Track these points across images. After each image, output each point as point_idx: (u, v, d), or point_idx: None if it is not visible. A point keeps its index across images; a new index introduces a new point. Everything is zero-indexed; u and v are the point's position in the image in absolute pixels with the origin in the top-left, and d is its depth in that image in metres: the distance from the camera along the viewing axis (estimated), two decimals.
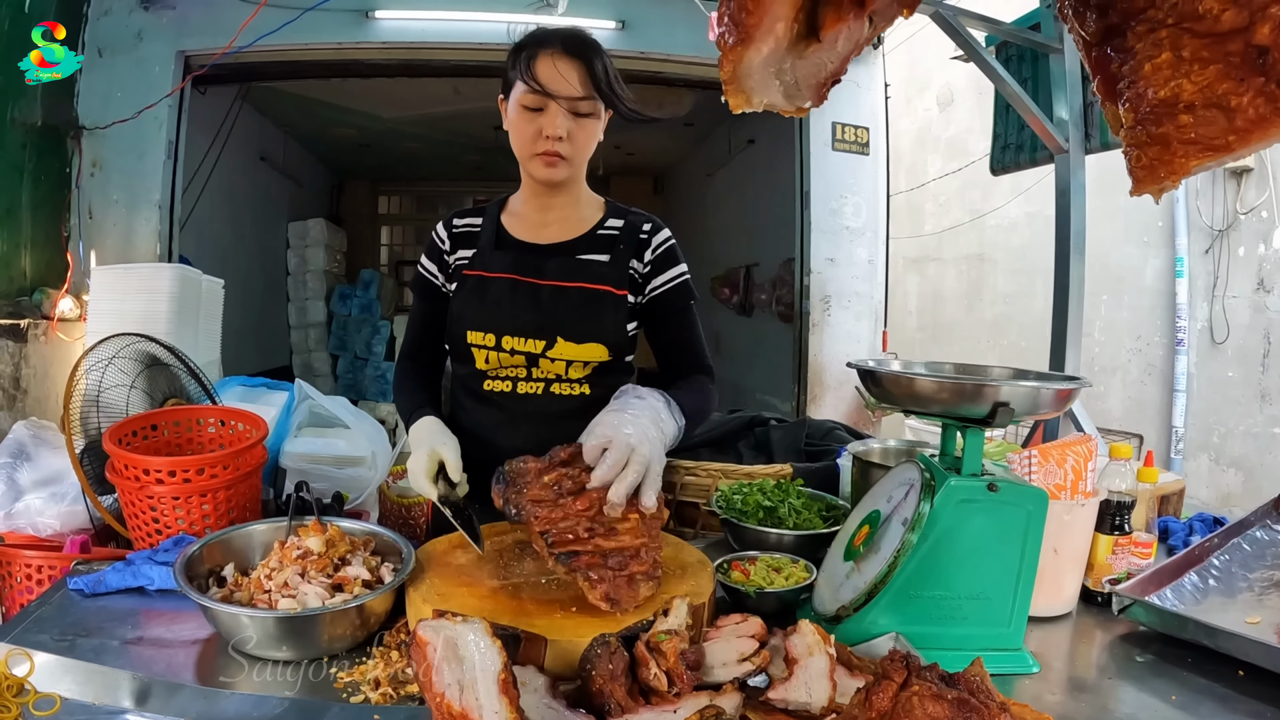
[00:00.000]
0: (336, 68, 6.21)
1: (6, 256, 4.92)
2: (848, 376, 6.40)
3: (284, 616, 1.39)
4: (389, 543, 1.73)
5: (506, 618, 1.41)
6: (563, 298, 2.05)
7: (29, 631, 1.53)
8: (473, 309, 2.07)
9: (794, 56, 1.02)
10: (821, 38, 0.98)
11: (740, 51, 0.98)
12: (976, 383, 1.46)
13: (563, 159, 2.01)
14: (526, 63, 1.96)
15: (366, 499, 3.26)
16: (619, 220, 2.18)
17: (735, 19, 0.95)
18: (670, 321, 2.17)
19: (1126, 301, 7.00)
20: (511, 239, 2.17)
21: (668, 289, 2.14)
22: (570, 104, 1.96)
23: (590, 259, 2.11)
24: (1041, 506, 1.53)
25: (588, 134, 2.04)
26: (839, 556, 1.70)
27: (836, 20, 0.96)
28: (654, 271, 2.14)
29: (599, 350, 2.05)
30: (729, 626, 1.38)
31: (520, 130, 2.01)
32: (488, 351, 2.06)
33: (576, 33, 2.02)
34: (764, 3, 0.93)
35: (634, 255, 2.13)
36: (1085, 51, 0.92)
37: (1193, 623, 1.62)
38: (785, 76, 1.05)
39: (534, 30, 2.05)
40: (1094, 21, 0.89)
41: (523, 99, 1.97)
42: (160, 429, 2.17)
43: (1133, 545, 1.93)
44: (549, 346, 2.04)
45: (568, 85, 1.94)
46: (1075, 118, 3.75)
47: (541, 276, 2.06)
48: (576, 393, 2.10)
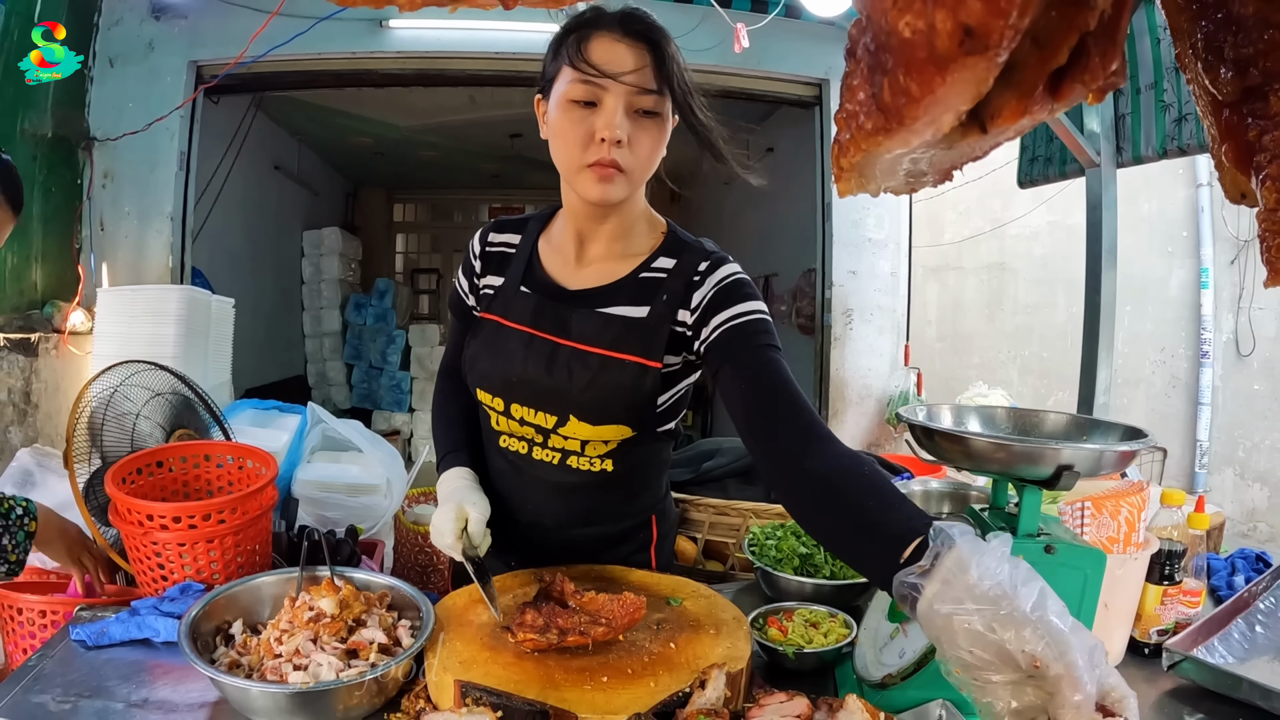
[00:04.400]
0: (350, 78, 6.13)
1: (17, 269, 4.86)
2: (869, 391, 6.33)
3: (296, 692, 1.31)
4: (406, 597, 1.64)
5: (533, 689, 1.33)
6: (581, 366, 1.69)
7: (30, 691, 1.46)
8: (484, 363, 1.79)
9: (941, 147, 0.82)
10: (989, 129, 0.77)
11: (878, 140, 0.77)
12: (1039, 446, 1.37)
13: (620, 171, 1.63)
14: (577, 45, 1.60)
15: (381, 528, 3.21)
16: (671, 259, 1.76)
17: (885, 104, 0.73)
18: (746, 368, 1.62)
19: (1150, 313, 6.89)
20: (541, 276, 1.82)
21: (731, 325, 1.65)
22: (633, 96, 1.59)
23: (622, 314, 1.72)
24: (1099, 567, 1.43)
25: (653, 140, 1.66)
26: (882, 614, 1.60)
27: (1018, 114, 0.73)
28: (708, 313, 1.68)
29: (619, 430, 1.72)
30: (772, 705, 1.29)
31: (566, 134, 1.63)
32: (498, 415, 1.81)
33: (639, 12, 1.63)
34: (935, 90, 0.67)
35: (680, 305, 1.71)
36: (1214, 112, 0.78)
37: (1246, 682, 1.56)
38: (918, 165, 0.87)
39: (584, 9, 1.67)
40: (1230, 79, 0.75)
41: (571, 90, 1.60)
42: (166, 465, 2.09)
43: (1182, 595, 1.86)
44: (561, 424, 1.73)
45: (631, 70, 1.58)
46: (1107, 130, 3.66)
47: (563, 334, 1.72)
48: (597, 469, 1.79)
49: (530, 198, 14.15)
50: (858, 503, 1.32)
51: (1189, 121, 3.30)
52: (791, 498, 1.46)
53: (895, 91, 0.71)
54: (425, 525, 3.11)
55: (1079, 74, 0.70)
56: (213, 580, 1.82)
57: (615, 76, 1.57)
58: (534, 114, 1.75)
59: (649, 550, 1.96)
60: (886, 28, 0.69)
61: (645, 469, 1.89)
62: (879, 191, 0.90)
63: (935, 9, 0.62)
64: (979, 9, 0.60)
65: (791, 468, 1.44)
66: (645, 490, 1.93)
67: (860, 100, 0.77)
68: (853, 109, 0.79)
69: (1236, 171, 0.81)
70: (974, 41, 0.61)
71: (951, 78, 0.65)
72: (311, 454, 3.48)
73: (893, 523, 1.25)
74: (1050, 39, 0.67)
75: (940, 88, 0.66)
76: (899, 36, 0.67)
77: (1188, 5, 0.83)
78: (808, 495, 1.42)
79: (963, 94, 0.69)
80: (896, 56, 0.69)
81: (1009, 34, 0.61)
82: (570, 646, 1.45)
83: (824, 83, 6.20)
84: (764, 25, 5.07)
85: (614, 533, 1.92)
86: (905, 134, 0.75)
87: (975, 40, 0.61)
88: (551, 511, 1.87)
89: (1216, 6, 0.81)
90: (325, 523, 3.06)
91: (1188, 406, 6.76)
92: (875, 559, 1.25)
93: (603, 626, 1.47)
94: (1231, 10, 0.80)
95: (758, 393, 1.57)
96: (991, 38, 0.61)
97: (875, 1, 0.71)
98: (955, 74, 0.65)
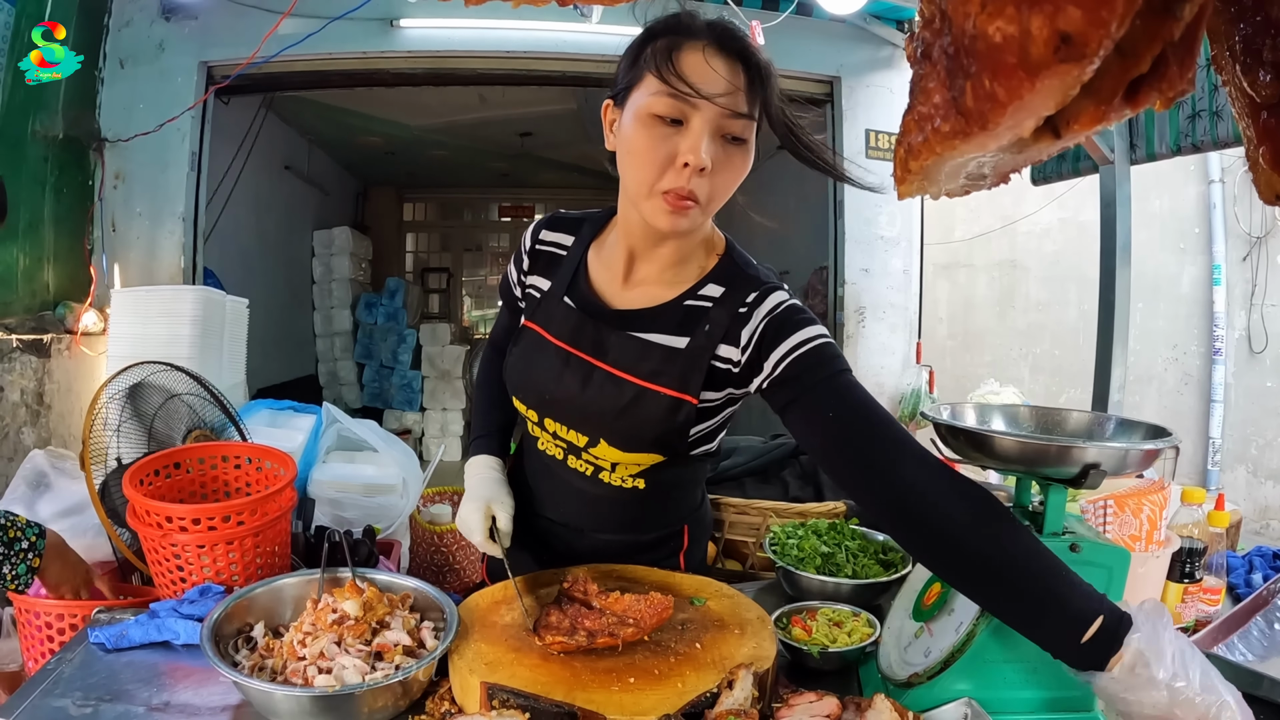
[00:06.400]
0: (361, 77, 6.11)
1: (29, 270, 4.86)
2: (881, 389, 6.27)
3: (321, 695, 1.30)
4: (429, 598, 1.64)
5: (560, 690, 1.32)
6: (614, 391, 1.63)
7: (49, 696, 1.46)
8: (519, 374, 1.76)
9: (1011, 151, 0.80)
10: (1063, 134, 0.74)
11: (954, 144, 0.74)
12: (1068, 445, 1.36)
13: (696, 203, 1.50)
14: (667, 53, 1.46)
15: (397, 528, 3.20)
16: (720, 287, 1.66)
17: (967, 108, 0.71)
18: (816, 405, 1.49)
19: (1162, 310, 6.86)
20: (585, 290, 1.75)
21: (787, 365, 1.53)
22: (722, 120, 1.47)
23: (662, 343, 1.64)
24: (1123, 565, 1.43)
25: (736, 170, 1.55)
26: (905, 613, 1.60)
27: (1095, 121, 0.71)
28: (761, 351, 1.57)
29: (650, 457, 1.68)
30: (801, 705, 1.28)
31: (643, 153, 1.49)
32: (533, 424, 1.80)
33: (733, 27, 1.51)
34: (1023, 96, 0.66)
35: (723, 340, 1.61)
36: (1251, 115, 0.77)
37: (1267, 680, 1.56)
38: (981, 168, 0.85)
39: (674, 13, 1.53)
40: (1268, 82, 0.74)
41: (655, 104, 1.47)
42: (183, 466, 2.08)
43: (1202, 592, 1.85)
44: (591, 444, 1.70)
45: (727, 91, 1.46)
46: (1120, 127, 3.62)
47: (600, 355, 1.66)
48: (629, 485, 1.75)
49: (541, 196, 14.17)
50: (1024, 566, 1.27)
51: (1203, 118, 3.28)
52: (903, 528, 1.40)
53: (979, 96, 0.70)
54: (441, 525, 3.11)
55: (1157, 82, 0.69)
56: (232, 582, 1.81)
57: (710, 97, 1.45)
58: (543, 112, 1.76)
59: (678, 556, 1.95)
60: (972, 31, 0.68)
61: (679, 487, 1.88)
62: (939, 195, 0.89)
63: (1031, 15, 0.61)
64: (1079, 18, 0.59)
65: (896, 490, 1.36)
66: (679, 505, 1.94)
67: (936, 103, 0.75)
68: (928, 111, 0.77)
69: (1273, 173, 0.79)
70: (1070, 49, 0.61)
71: (1042, 84, 0.64)
72: (327, 454, 3.48)
73: (1069, 599, 1.23)
74: (1135, 48, 0.66)
75: (1029, 94, 0.65)
76: (987, 40, 0.66)
77: (1225, 8, 0.82)
78: (937, 531, 1.33)
79: (1049, 100, 0.68)
80: (982, 61, 0.68)
81: (1107, 44, 0.60)
82: (599, 648, 1.45)
83: (835, 80, 6.16)
84: (777, 23, 5.05)
85: (644, 540, 1.91)
86: (985, 138, 0.73)
87: (1072, 48, 0.61)
88: (582, 516, 1.87)
89: (1255, 9, 0.79)
90: (341, 523, 3.06)
91: (1200, 404, 6.73)
92: (1051, 631, 1.24)
93: (631, 627, 1.47)
94: (1271, 13, 0.78)
95: (837, 423, 1.46)
96: (1089, 46, 0.60)
97: (959, 4, 0.69)
98: (1046, 81, 0.64)
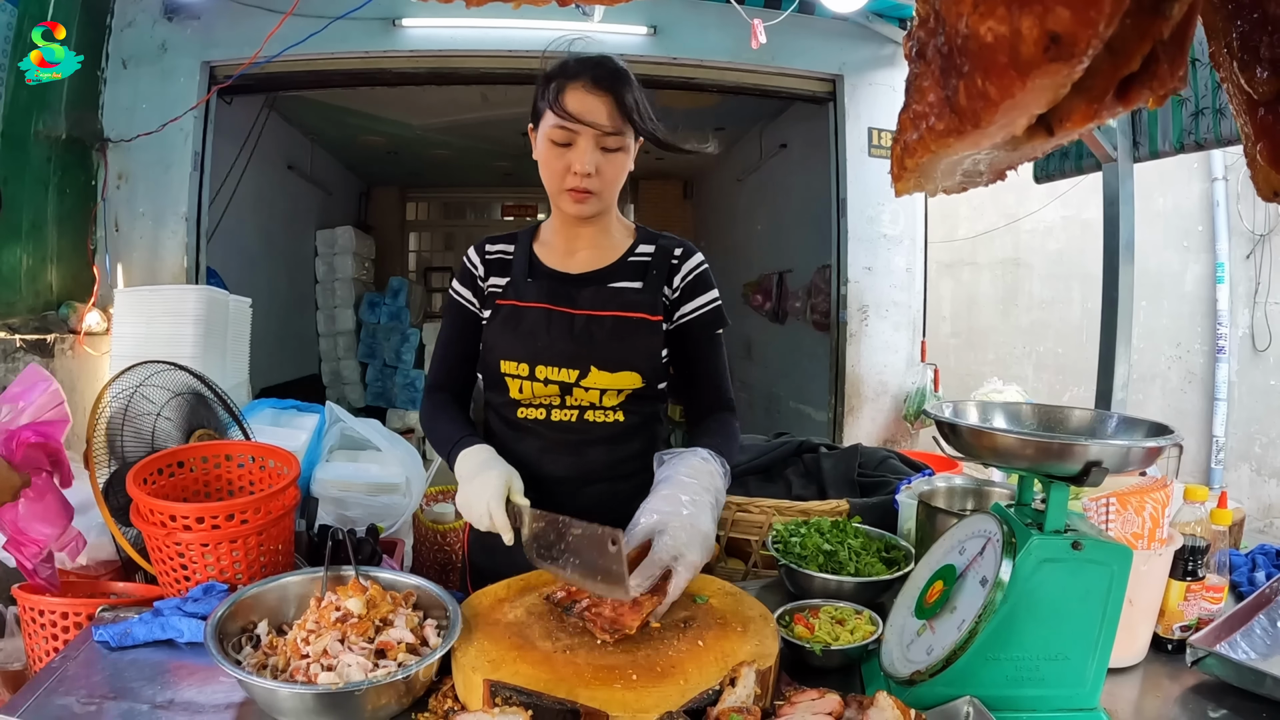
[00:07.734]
0: (364, 77, 6.12)
1: (32, 270, 4.87)
2: (885, 388, 6.30)
3: (325, 692, 1.31)
4: (432, 597, 1.64)
5: (563, 688, 1.33)
6: (597, 326, 2.04)
7: (54, 694, 1.47)
8: (507, 339, 2.07)
9: (1006, 148, 0.82)
10: (1056, 132, 0.77)
11: (948, 142, 0.78)
12: (1070, 443, 1.36)
13: (591, 194, 2.02)
14: (555, 94, 1.97)
15: (401, 527, 3.20)
16: (650, 246, 2.18)
17: (960, 106, 0.73)
18: (698, 350, 2.16)
19: (1166, 308, 6.83)
20: (544, 268, 2.17)
21: (697, 315, 2.14)
22: (599, 138, 1.97)
23: (623, 286, 2.11)
24: (1125, 563, 1.43)
25: (616, 168, 2.05)
26: (908, 611, 1.60)
27: (1087, 119, 0.74)
28: (683, 298, 2.14)
29: (633, 378, 2.05)
30: (804, 702, 1.29)
31: (549, 165, 2.03)
32: (521, 381, 2.06)
33: (605, 63, 2.02)
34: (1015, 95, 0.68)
35: (665, 281, 2.13)
36: (1249, 111, 0.78)
37: (1270, 678, 1.56)
38: (977, 165, 0.88)
39: (562, 61, 2.04)
40: (1266, 79, 0.75)
41: (552, 133, 1.99)
42: (187, 465, 2.09)
43: (1205, 590, 1.85)
44: (583, 375, 2.03)
45: (597, 118, 1.95)
46: (1123, 125, 3.63)
47: (575, 305, 2.06)
48: (611, 419, 2.11)
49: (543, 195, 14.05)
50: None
51: (1206, 116, 3.27)
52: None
53: (972, 94, 0.72)
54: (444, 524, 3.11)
55: (1148, 80, 0.69)
56: (235, 580, 1.82)
57: (589, 124, 1.94)
58: None
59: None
60: (965, 31, 0.69)
61: (651, 422, 2.18)
62: (936, 192, 0.90)
63: (1021, 15, 0.62)
64: (1068, 17, 0.60)
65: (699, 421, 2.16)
66: (653, 440, 2.19)
67: (931, 102, 0.77)
68: (922, 110, 0.79)
69: (1270, 170, 0.80)
70: (1059, 49, 0.62)
71: (1032, 83, 0.65)
72: (330, 453, 3.48)
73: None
74: (1125, 47, 0.67)
75: (1020, 92, 0.67)
76: (979, 40, 0.67)
77: (1223, 5, 0.83)
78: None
79: (1040, 99, 0.69)
80: (975, 60, 0.69)
81: (1095, 43, 0.61)
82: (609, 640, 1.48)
83: (838, 78, 6.16)
84: (779, 22, 5.05)
85: (627, 489, 2.04)
86: (978, 136, 0.75)
87: (1061, 48, 0.61)
88: (571, 469, 2.11)
89: (1252, 6, 0.80)
90: (345, 522, 3.07)
91: (1203, 402, 6.71)
92: None
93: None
94: (1268, 10, 0.79)
95: (704, 378, 2.17)
96: (1078, 46, 0.61)
97: (951, 4, 0.70)
98: (1036, 79, 0.65)
